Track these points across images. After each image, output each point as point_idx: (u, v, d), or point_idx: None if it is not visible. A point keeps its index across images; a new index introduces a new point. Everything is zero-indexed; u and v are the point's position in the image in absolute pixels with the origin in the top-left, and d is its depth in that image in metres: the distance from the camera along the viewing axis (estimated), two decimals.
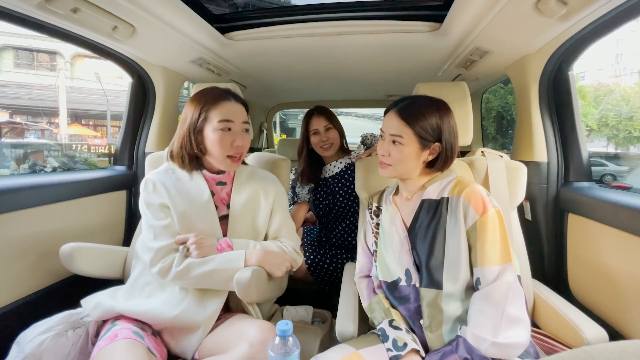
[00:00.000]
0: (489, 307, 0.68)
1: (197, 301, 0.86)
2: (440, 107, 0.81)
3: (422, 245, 0.79)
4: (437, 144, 0.80)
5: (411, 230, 0.82)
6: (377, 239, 0.90)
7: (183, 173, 0.94)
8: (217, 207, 0.94)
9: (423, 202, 0.82)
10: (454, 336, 0.71)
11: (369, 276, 0.94)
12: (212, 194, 0.94)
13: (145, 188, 0.92)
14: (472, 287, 0.74)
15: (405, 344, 0.70)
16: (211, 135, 0.88)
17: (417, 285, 0.79)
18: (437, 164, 0.82)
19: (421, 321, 0.77)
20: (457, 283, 0.74)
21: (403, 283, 0.81)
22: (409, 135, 0.79)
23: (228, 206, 0.96)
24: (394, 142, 0.80)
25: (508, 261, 0.71)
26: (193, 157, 0.92)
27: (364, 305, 0.89)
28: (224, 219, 0.95)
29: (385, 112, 0.85)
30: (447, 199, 0.79)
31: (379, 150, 0.84)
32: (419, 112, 0.79)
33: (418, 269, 0.79)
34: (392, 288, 0.83)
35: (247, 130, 0.94)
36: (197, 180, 0.93)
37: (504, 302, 0.67)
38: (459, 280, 0.74)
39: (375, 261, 0.89)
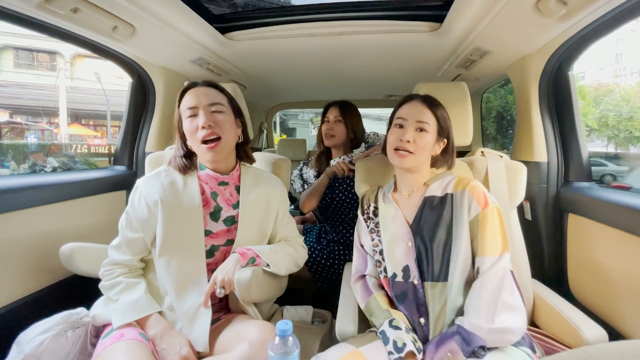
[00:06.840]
0: (485, 293, 0.71)
1: (185, 324, 0.82)
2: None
3: (428, 240, 0.80)
4: (444, 139, 0.86)
5: (414, 227, 0.84)
6: (380, 237, 0.91)
7: (178, 176, 0.92)
8: (221, 208, 0.92)
9: (427, 199, 0.85)
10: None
11: (363, 276, 0.93)
12: (216, 194, 0.93)
13: (133, 193, 0.90)
14: (472, 279, 0.77)
15: (404, 344, 0.70)
16: (185, 128, 0.88)
17: (416, 282, 0.79)
18: (443, 160, 0.89)
19: (421, 319, 0.77)
20: (462, 274, 0.77)
21: (399, 279, 0.82)
22: (433, 123, 0.84)
23: (233, 206, 0.94)
24: (419, 129, 0.83)
25: (506, 250, 0.75)
26: (186, 157, 0.92)
27: (361, 306, 0.88)
28: (229, 220, 0.93)
29: (404, 102, 0.89)
30: (452, 194, 0.82)
31: (401, 137, 0.83)
32: (439, 102, 0.86)
33: (419, 265, 0.80)
34: (391, 284, 0.84)
35: (219, 111, 0.87)
36: (191, 185, 0.91)
37: (498, 288, 0.71)
38: (464, 270, 0.77)
39: (383, 260, 0.88)
